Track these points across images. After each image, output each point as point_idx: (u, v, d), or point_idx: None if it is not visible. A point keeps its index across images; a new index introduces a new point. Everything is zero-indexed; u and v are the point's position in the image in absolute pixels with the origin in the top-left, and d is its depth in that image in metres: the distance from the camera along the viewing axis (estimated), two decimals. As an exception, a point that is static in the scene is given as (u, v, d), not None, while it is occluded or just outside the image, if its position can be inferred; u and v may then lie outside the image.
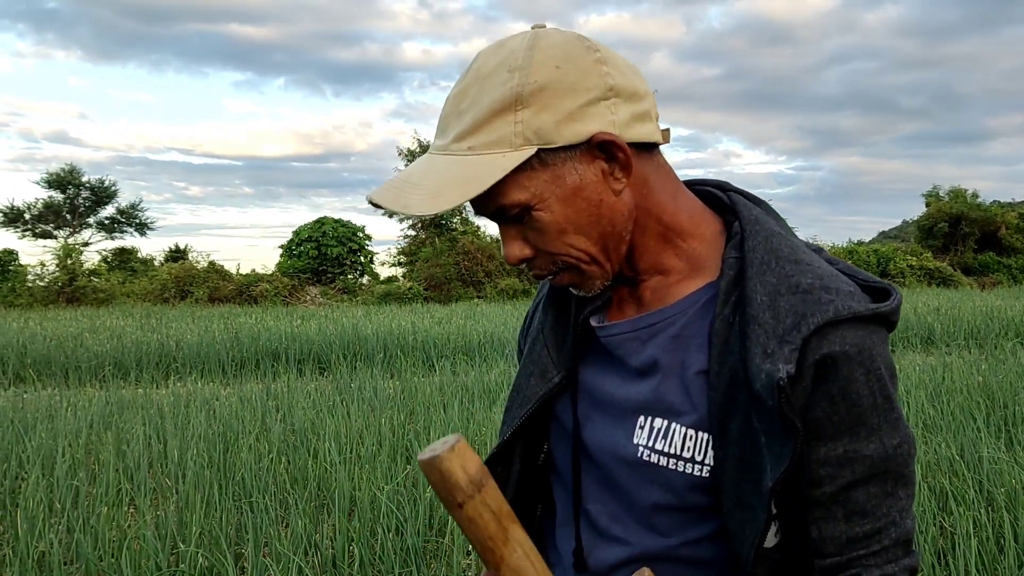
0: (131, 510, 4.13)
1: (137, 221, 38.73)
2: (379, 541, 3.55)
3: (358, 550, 3.38)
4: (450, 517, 3.90)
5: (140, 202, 39.42)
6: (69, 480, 4.29)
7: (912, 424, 5.33)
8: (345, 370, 8.86)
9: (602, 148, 0.78)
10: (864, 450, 0.75)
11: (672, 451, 0.82)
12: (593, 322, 0.92)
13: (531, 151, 0.76)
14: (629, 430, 0.86)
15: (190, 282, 22.22)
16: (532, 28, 0.83)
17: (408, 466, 4.74)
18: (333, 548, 3.39)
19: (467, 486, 0.72)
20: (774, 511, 0.76)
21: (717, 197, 0.91)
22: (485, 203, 0.81)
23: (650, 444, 0.84)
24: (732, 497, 0.79)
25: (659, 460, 0.83)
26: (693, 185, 0.93)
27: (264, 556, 3.41)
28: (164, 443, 5.07)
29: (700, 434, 0.81)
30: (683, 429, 0.82)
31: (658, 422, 0.84)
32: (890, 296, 0.79)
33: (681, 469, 0.82)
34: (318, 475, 4.47)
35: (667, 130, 0.86)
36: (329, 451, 4.89)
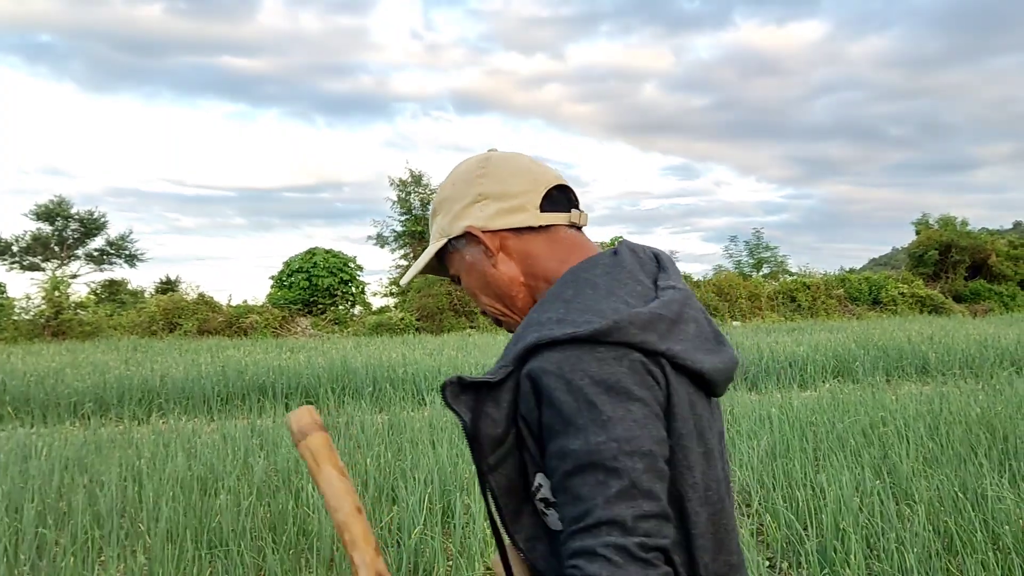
0: (101, 559, 3.93)
1: (127, 252, 38.51)
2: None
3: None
4: (436, 564, 3.73)
5: (130, 233, 39.08)
6: (37, 527, 4.10)
7: (912, 458, 5.19)
8: (332, 404, 8.67)
9: (473, 236, 1.13)
10: (571, 445, 0.90)
11: None
12: None
13: (443, 242, 1.16)
14: None
15: (179, 314, 21.99)
16: (486, 151, 1.20)
17: (395, 507, 4.57)
18: (310, 601, 3.21)
19: (297, 433, 1.09)
20: (491, 492, 1.00)
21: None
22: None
23: None
24: None
25: None
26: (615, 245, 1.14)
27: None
28: (139, 486, 4.88)
29: None
30: None
31: None
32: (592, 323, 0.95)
33: None
34: (299, 519, 4.29)
35: (580, 213, 1.16)
36: (312, 493, 4.71)
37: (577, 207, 1.17)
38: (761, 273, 32.18)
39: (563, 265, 1.09)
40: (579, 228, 1.16)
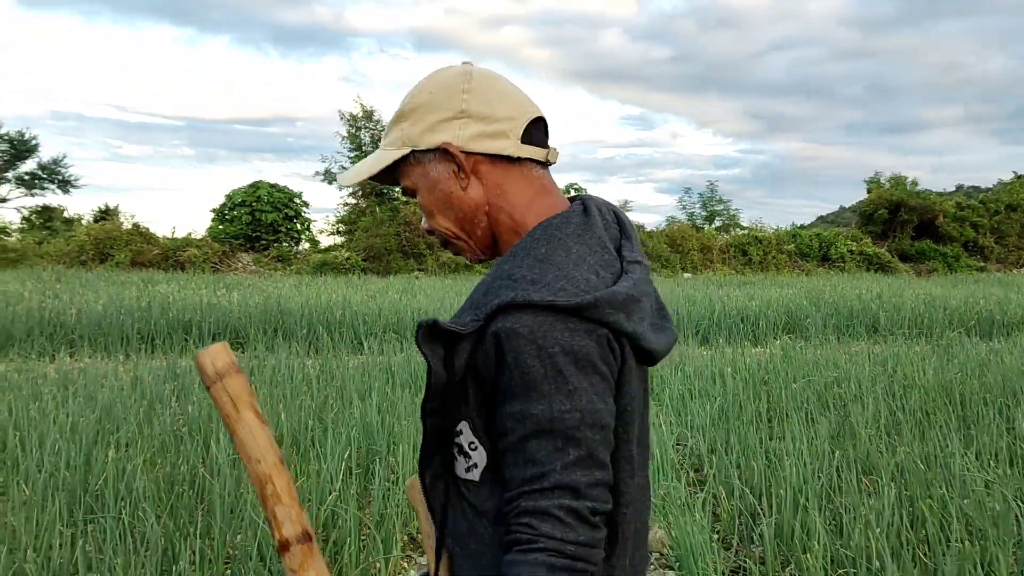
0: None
1: (60, 178, 36.62)
2: (253, 570, 2.91)
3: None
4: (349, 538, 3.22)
5: (63, 157, 36.94)
6: None
7: (871, 426, 4.90)
8: (262, 347, 8.12)
9: (447, 153, 1.07)
10: (532, 410, 0.93)
11: None
12: None
13: (406, 151, 1.09)
14: None
15: (111, 244, 20.90)
16: (461, 64, 1.12)
17: (308, 466, 4.11)
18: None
19: (212, 375, 1.01)
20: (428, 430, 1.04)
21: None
22: (397, 184, 1.14)
23: None
24: None
25: None
26: (583, 198, 1.12)
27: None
28: (18, 434, 4.30)
29: None
30: None
31: None
32: (585, 295, 0.96)
33: None
34: (199, 482, 3.79)
35: (553, 150, 1.12)
36: (218, 452, 4.21)
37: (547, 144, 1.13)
38: (713, 226, 32.10)
39: (530, 205, 1.08)
40: (547, 166, 1.14)
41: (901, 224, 31.07)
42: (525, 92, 1.13)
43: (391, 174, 1.13)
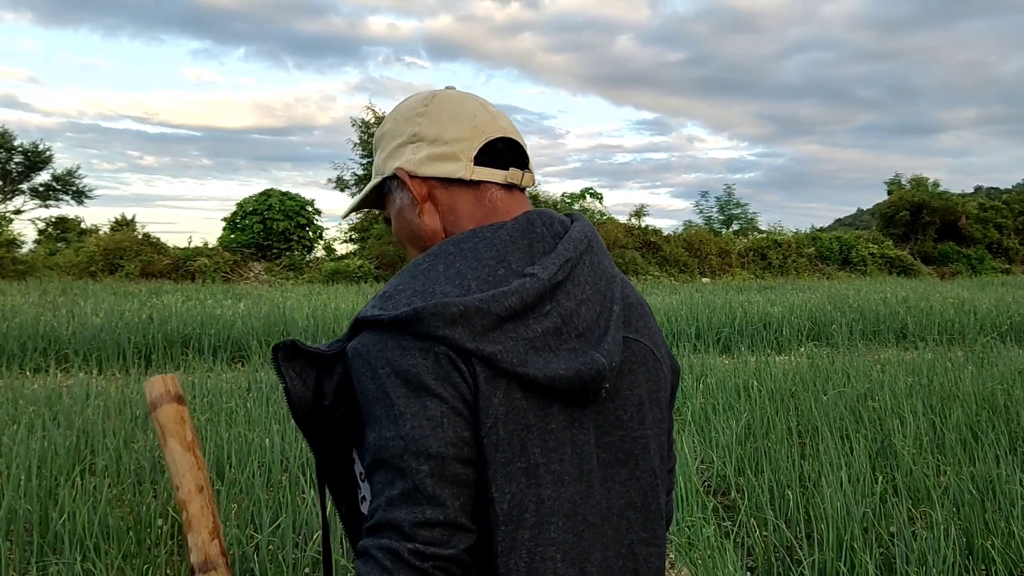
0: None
1: (74, 189, 36.62)
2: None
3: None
4: None
5: (77, 169, 37.11)
6: None
7: (912, 443, 4.48)
8: (259, 360, 7.78)
9: (402, 180, 1.00)
10: (369, 437, 0.84)
11: None
12: None
13: (378, 180, 1.05)
14: None
15: (120, 255, 20.70)
16: (444, 88, 1.07)
17: (303, 494, 3.76)
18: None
19: (149, 404, 1.08)
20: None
21: None
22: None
23: None
24: None
25: None
26: (528, 214, 0.98)
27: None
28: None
29: None
30: None
31: None
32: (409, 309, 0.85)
33: None
34: (171, 518, 3.43)
35: (522, 173, 1.02)
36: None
37: (522, 166, 1.03)
38: (731, 230, 31.58)
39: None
40: (522, 189, 1.04)
41: (923, 226, 30.41)
42: (500, 115, 1.04)
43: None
